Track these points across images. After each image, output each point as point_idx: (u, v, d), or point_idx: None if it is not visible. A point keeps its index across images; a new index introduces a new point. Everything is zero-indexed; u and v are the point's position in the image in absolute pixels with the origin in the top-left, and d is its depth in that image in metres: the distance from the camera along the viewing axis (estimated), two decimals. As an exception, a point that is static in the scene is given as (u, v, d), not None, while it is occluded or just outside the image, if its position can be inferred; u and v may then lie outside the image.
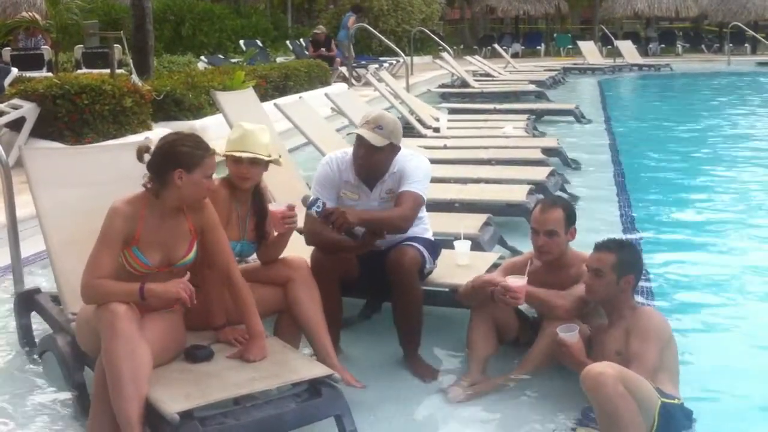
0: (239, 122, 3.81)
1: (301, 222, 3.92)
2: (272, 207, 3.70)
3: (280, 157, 3.81)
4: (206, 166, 3.26)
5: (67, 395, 3.66)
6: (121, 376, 2.93)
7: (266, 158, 3.65)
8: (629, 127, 13.41)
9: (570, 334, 3.34)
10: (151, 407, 2.93)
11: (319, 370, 3.24)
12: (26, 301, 4.23)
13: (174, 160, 3.20)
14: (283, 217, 3.63)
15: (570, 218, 3.87)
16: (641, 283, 4.36)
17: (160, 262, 3.25)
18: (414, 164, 4.02)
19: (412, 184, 3.96)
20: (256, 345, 3.32)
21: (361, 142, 3.94)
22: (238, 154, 3.61)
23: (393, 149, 4.00)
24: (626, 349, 3.33)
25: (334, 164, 4.10)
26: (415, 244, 4.00)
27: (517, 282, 3.63)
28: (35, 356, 4.11)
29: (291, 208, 3.66)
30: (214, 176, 3.56)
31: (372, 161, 3.97)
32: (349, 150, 4.16)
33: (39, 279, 5.04)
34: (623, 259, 3.49)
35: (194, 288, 3.22)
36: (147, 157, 3.30)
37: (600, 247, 3.57)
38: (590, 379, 3.00)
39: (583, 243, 3.98)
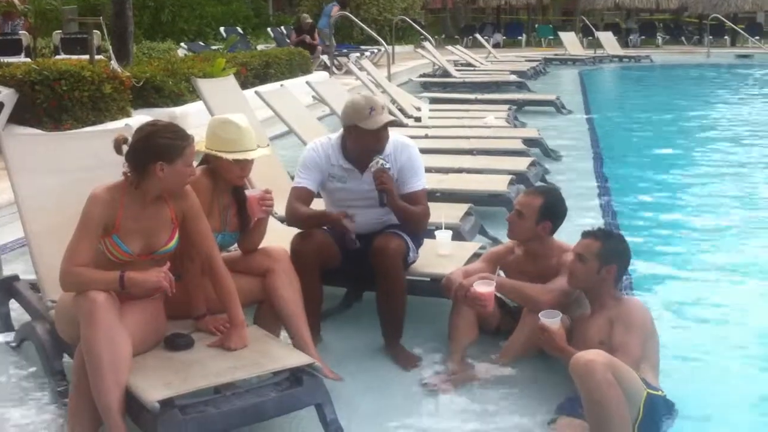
0: (223, 117, 3.69)
1: (279, 206, 3.92)
2: (249, 192, 3.69)
3: (268, 145, 3.81)
4: (187, 156, 3.22)
5: (46, 383, 3.64)
6: (100, 365, 2.92)
7: (268, 152, 3.66)
8: (610, 118, 13.47)
9: (552, 321, 3.36)
10: (132, 396, 2.92)
11: (299, 359, 3.24)
12: (4, 289, 4.19)
13: (154, 153, 3.16)
14: (260, 200, 3.62)
15: (547, 211, 3.87)
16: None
17: (141, 250, 3.23)
18: (415, 156, 4.14)
19: (420, 179, 4.13)
20: (236, 334, 3.31)
21: (386, 128, 3.98)
22: (250, 156, 3.57)
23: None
24: (610, 338, 3.35)
25: (320, 149, 4.10)
26: (400, 233, 4.01)
27: (486, 289, 3.66)
28: (13, 344, 4.08)
29: (268, 191, 3.66)
30: (199, 168, 3.56)
31: (386, 140, 4.04)
32: (334, 135, 4.18)
33: (18, 266, 4.99)
34: (608, 248, 3.51)
35: (175, 277, 3.21)
36: (125, 148, 3.26)
37: (587, 234, 3.60)
38: (580, 366, 3.02)
39: (562, 232, 4.00)
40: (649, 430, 3.13)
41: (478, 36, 26.45)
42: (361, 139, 3.98)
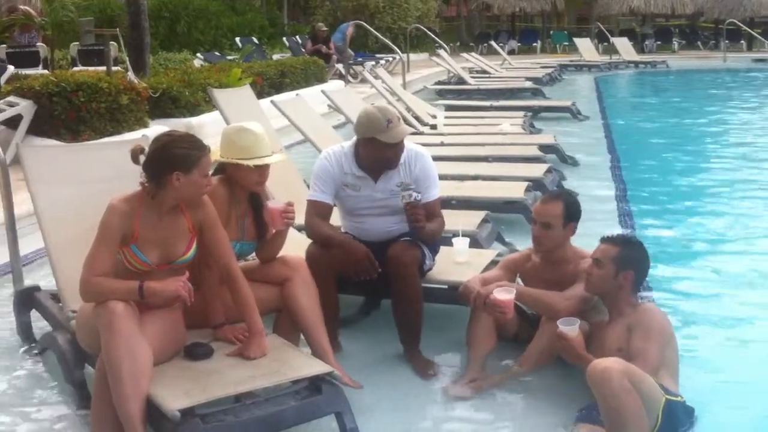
0: (238, 125, 3.71)
1: (300, 218, 3.93)
2: (271, 204, 3.69)
3: (281, 150, 3.82)
4: (203, 166, 3.24)
5: (67, 393, 3.66)
6: (121, 375, 2.93)
7: (283, 157, 3.68)
8: (626, 124, 13.42)
9: (570, 328, 3.34)
10: (152, 405, 2.93)
11: (319, 368, 3.24)
12: (26, 299, 4.22)
13: (171, 163, 3.18)
14: (282, 213, 3.63)
15: (570, 213, 3.87)
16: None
17: (159, 260, 3.25)
18: (429, 165, 4.15)
19: (436, 189, 4.17)
20: (255, 342, 3.31)
21: (401, 140, 3.99)
22: (268, 161, 3.59)
23: None
24: (628, 345, 3.33)
25: (333, 159, 4.10)
26: (416, 241, 4.01)
27: (506, 296, 3.65)
28: (35, 354, 4.11)
29: (290, 204, 3.66)
30: (215, 178, 3.58)
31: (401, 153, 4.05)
32: (346, 144, 4.18)
33: (38, 277, 5.03)
34: (626, 254, 3.49)
35: (193, 286, 3.22)
36: (142, 158, 3.28)
37: (606, 239, 3.59)
38: (596, 373, 3.00)
39: (579, 238, 3.99)
40: (668, 437, 3.12)
41: (492, 43, 26.52)
42: (380, 152, 3.98)
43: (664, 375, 3.27)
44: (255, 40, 21.28)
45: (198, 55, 17.87)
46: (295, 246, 4.07)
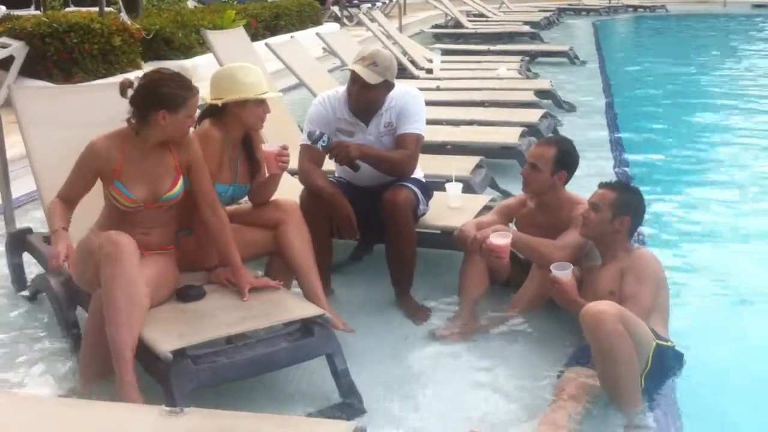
0: (233, 66, 3.68)
1: (294, 162, 3.92)
2: (266, 147, 3.67)
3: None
4: (190, 106, 3.24)
5: (59, 334, 3.68)
6: (118, 304, 2.95)
7: (280, 94, 3.68)
8: (623, 69, 13.34)
9: (563, 272, 3.35)
10: (145, 346, 2.95)
11: (311, 310, 3.27)
12: (18, 242, 4.23)
13: (158, 101, 3.18)
14: (277, 156, 3.61)
15: (562, 161, 3.84)
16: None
17: (146, 197, 3.25)
18: (412, 102, 4.06)
19: (413, 123, 4.02)
20: (243, 278, 3.34)
21: (355, 79, 3.92)
22: (271, 95, 3.59)
23: (387, 86, 3.99)
24: (620, 289, 3.36)
25: (327, 103, 4.08)
26: (409, 185, 4.00)
27: (502, 241, 3.65)
28: (27, 296, 4.13)
29: (285, 147, 3.65)
30: (207, 121, 3.56)
31: (366, 98, 3.96)
32: (341, 88, 4.14)
33: (31, 219, 5.03)
34: (622, 199, 3.49)
35: (187, 230, 3.22)
36: (130, 92, 3.27)
37: (603, 185, 3.59)
38: (590, 316, 3.03)
39: (574, 183, 3.99)
40: (657, 380, 3.16)
41: (491, -15, 26.09)
42: (349, 86, 3.99)
43: (655, 320, 3.30)
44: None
45: (192, -5, 17.63)
46: (289, 190, 4.07)
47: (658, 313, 3.35)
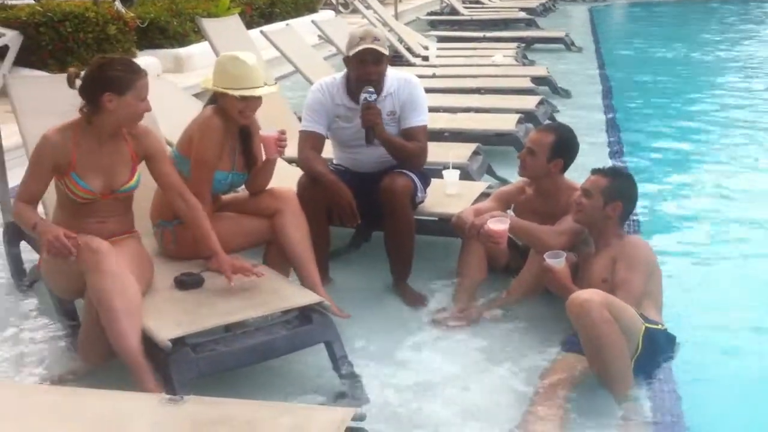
0: (232, 54, 3.64)
1: (291, 150, 3.92)
2: (264, 132, 3.67)
3: (275, 83, 3.78)
4: (138, 89, 3.18)
5: (56, 323, 3.68)
6: (116, 313, 2.92)
7: (274, 89, 3.65)
8: (620, 55, 13.33)
9: (556, 261, 3.37)
10: (144, 335, 2.95)
11: (309, 298, 3.28)
12: (15, 231, 4.21)
13: (103, 84, 3.13)
14: (276, 140, 3.60)
15: (559, 149, 3.85)
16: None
17: (103, 188, 3.21)
18: (417, 92, 4.09)
19: (420, 115, 4.08)
20: (226, 263, 3.28)
21: (365, 59, 3.90)
22: (256, 93, 3.52)
23: (388, 61, 4.01)
24: (612, 276, 3.37)
25: (326, 90, 4.07)
26: (407, 172, 4.00)
27: (500, 226, 3.66)
28: (25, 285, 4.13)
29: (283, 132, 3.65)
30: (209, 108, 3.55)
31: (381, 72, 3.97)
32: (338, 75, 4.14)
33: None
34: (615, 185, 3.50)
35: (179, 220, 3.26)
36: (78, 82, 3.24)
37: (596, 171, 3.60)
38: (576, 305, 3.04)
39: (570, 170, 3.99)
40: (648, 363, 3.19)
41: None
42: (352, 70, 3.97)
43: (647, 304, 3.31)
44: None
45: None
46: (286, 178, 4.07)
47: (650, 299, 3.36)
